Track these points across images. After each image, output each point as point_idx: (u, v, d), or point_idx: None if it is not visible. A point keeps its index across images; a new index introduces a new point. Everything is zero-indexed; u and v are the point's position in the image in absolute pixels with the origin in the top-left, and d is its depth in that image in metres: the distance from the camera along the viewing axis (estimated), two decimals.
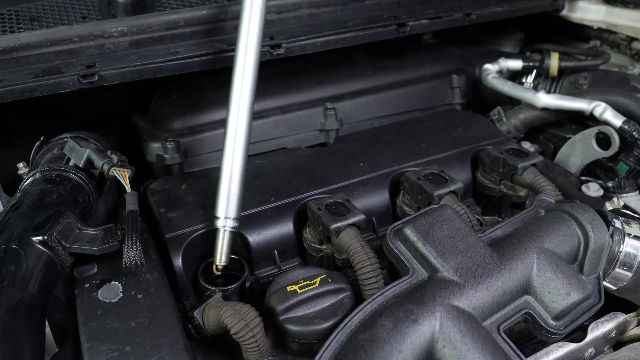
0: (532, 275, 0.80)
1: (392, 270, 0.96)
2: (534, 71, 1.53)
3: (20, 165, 1.11)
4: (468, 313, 0.74)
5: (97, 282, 0.87)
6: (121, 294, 0.85)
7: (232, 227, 0.94)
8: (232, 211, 0.94)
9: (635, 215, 0.96)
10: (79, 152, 1.01)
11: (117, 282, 0.87)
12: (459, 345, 0.70)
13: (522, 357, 0.71)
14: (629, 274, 0.85)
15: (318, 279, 0.88)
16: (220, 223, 0.94)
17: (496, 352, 0.70)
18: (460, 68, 1.55)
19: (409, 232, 0.84)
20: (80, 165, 1.00)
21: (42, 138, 1.15)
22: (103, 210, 1.11)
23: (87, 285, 0.87)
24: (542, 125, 1.40)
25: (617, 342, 0.89)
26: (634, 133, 1.19)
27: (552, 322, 0.79)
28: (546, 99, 1.32)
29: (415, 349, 0.69)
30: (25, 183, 0.98)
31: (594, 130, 1.26)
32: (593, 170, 1.30)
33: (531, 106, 1.36)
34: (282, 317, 0.83)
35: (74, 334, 0.84)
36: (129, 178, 0.99)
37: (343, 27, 1.25)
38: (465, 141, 1.25)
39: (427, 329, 0.71)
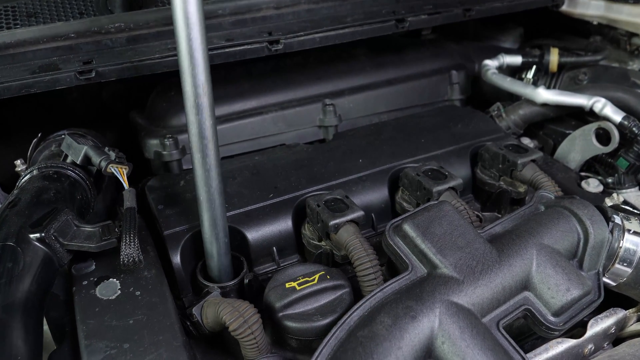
0: (532, 272, 0.79)
1: (391, 266, 0.96)
2: (534, 67, 1.52)
3: (18, 162, 1.11)
4: (467, 309, 0.74)
5: (95, 279, 0.87)
6: (119, 291, 0.84)
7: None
8: (225, 277, 0.93)
9: (635, 211, 0.95)
10: (76, 148, 1.00)
11: (115, 279, 0.87)
12: (458, 341, 0.69)
13: (522, 353, 0.71)
14: (629, 270, 0.85)
15: (317, 276, 0.87)
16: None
17: (495, 348, 0.70)
18: (459, 64, 1.55)
19: (408, 228, 0.83)
20: (78, 162, 1.00)
21: (39, 135, 1.15)
22: (101, 207, 1.10)
23: (85, 283, 0.86)
24: (542, 121, 1.40)
25: (617, 338, 0.89)
26: (634, 129, 1.18)
27: (552, 318, 0.78)
28: (546, 95, 1.31)
29: (415, 345, 0.69)
30: (23, 180, 0.98)
31: (593, 126, 1.26)
32: (593, 166, 1.30)
33: (531, 102, 1.36)
34: (281, 314, 0.82)
35: (72, 332, 0.83)
36: (126, 175, 0.99)
37: (342, 22, 1.24)
38: (464, 137, 1.24)
39: (426, 325, 0.70)
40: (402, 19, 1.28)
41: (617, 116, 1.21)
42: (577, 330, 0.85)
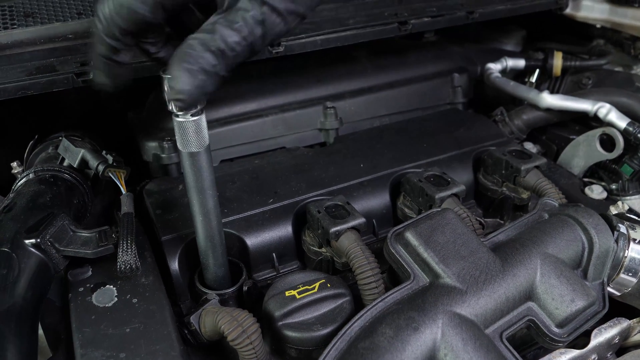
0: (536, 282, 0.78)
1: (392, 274, 0.94)
2: (537, 70, 1.51)
3: (14, 164, 1.10)
4: (470, 320, 0.72)
5: (92, 285, 0.85)
6: (116, 299, 0.83)
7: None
8: (224, 284, 0.92)
9: None
10: (73, 152, 0.99)
11: (111, 286, 0.85)
12: (461, 354, 0.68)
13: None
14: (634, 280, 0.84)
15: (317, 284, 0.86)
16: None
17: None
18: (462, 67, 1.53)
19: (410, 236, 0.82)
20: (75, 166, 0.98)
21: (36, 137, 1.13)
22: (98, 211, 1.09)
23: (81, 289, 0.85)
24: (545, 126, 1.38)
25: (620, 347, 0.88)
26: (639, 135, 1.17)
27: (556, 330, 0.77)
28: (550, 100, 1.30)
29: (417, 357, 0.68)
30: (19, 184, 0.96)
31: (597, 132, 1.24)
32: (596, 172, 1.29)
33: (534, 106, 1.34)
34: (280, 323, 0.81)
35: (67, 339, 0.82)
36: (124, 179, 0.97)
37: (343, 25, 1.23)
38: (467, 142, 1.23)
39: (428, 337, 0.69)
40: (405, 22, 1.27)
41: (621, 122, 1.19)
42: (580, 340, 0.83)
